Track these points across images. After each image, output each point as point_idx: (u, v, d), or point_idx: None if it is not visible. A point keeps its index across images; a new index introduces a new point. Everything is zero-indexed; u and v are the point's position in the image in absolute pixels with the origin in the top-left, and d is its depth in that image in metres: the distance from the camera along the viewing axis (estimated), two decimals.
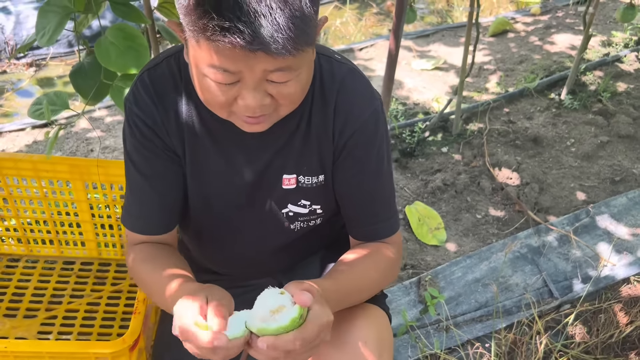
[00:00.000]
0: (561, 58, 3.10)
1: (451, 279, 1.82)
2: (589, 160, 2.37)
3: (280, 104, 0.83)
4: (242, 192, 1.02)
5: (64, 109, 1.33)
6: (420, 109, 2.63)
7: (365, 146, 0.96)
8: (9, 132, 2.42)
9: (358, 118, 0.94)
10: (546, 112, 2.63)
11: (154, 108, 0.93)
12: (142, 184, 0.99)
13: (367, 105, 0.95)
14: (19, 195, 1.53)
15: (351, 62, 0.99)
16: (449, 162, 2.29)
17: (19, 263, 1.65)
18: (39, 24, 1.35)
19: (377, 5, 4.00)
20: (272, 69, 0.76)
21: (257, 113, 0.81)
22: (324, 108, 0.94)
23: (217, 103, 0.82)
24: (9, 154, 1.44)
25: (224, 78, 0.77)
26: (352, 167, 0.97)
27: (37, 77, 3.06)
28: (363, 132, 0.95)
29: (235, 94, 0.79)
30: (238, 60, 0.73)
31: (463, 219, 2.06)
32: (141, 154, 0.97)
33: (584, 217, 2.06)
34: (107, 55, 1.28)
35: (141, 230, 1.02)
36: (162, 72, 0.94)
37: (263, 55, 0.72)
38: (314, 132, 0.96)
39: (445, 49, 3.23)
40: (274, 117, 0.86)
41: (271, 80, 0.78)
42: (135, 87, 0.95)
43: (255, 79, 0.77)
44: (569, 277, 1.86)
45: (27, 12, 3.20)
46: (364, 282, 0.97)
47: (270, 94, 0.80)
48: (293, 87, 0.81)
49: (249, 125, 0.85)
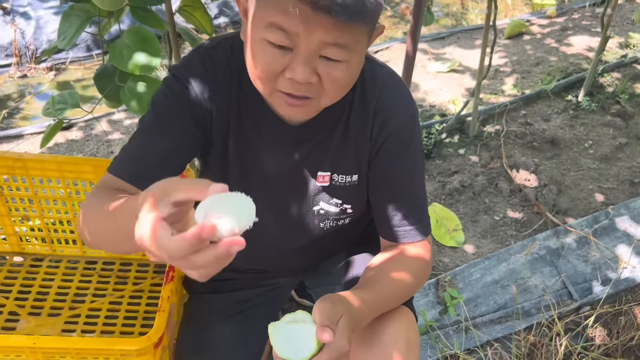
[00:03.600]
0: (578, 60, 3.08)
1: (470, 280, 1.82)
2: (607, 162, 2.35)
3: (324, 89, 0.82)
4: (277, 186, 1.02)
5: (73, 108, 1.36)
6: (437, 111, 2.63)
7: (401, 148, 0.97)
8: (30, 134, 2.46)
9: (397, 120, 0.96)
10: (563, 113, 2.62)
11: (205, 80, 0.93)
12: (152, 132, 0.93)
13: (405, 108, 0.97)
14: (44, 195, 1.55)
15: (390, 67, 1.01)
16: (466, 164, 2.29)
17: (42, 262, 1.68)
18: (62, 27, 1.37)
19: (391, 9, 4.01)
20: (329, 40, 0.76)
21: (301, 90, 0.80)
22: (363, 108, 0.96)
23: (265, 72, 0.80)
24: (35, 155, 1.47)
25: (280, 38, 0.76)
26: (388, 167, 0.98)
27: (56, 81, 3.11)
28: (401, 133, 0.96)
29: (285, 64, 0.79)
30: (300, 21, 0.74)
31: (481, 220, 2.05)
32: (169, 107, 0.93)
33: (603, 219, 2.05)
34: (120, 57, 1.30)
35: (124, 174, 0.90)
36: (218, 54, 0.94)
37: (324, 20, 0.73)
38: (352, 131, 0.97)
39: (461, 51, 3.23)
40: (314, 105, 0.85)
41: (324, 56, 0.78)
42: (189, 57, 0.95)
43: (309, 49, 0.77)
44: (589, 279, 1.85)
45: (47, 17, 3.26)
46: (399, 289, 0.97)
47: (319, 75, 0.80)
48: (342, 72, 0.80)
49: (289, 107, 0.83)
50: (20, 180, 1.50)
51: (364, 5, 0.73)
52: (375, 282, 0.96)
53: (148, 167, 0.91)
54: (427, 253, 1.02)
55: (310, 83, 0.80)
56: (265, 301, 1.28)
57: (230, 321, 1.20)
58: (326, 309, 0.81)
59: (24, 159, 1.44)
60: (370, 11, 0.76)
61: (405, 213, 1.00)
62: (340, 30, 0.75)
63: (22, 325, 1.50)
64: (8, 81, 3.10)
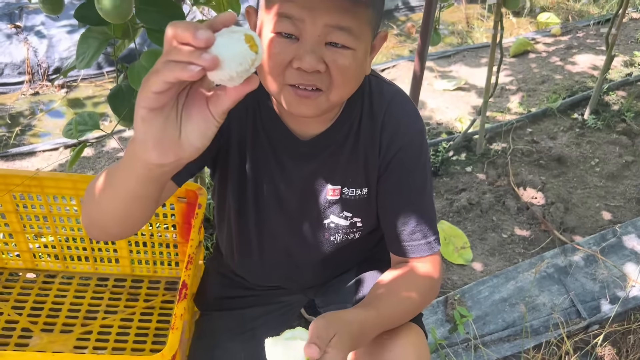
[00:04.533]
0: (583, 78, 3.11)
1: (478, 298, 1.82)
2: (614, 180, 2.36)
3: (332, 79, 0.84)
4: (289, 199, 1.04)
5: (94, 129, 1.39)
6: (444, 129, 2.66)
7: (410, 162, 0.99)
8: (42, 151, 2.49)
9: (405, 134, 0.98)
10: (570, 132, 2.63)
11: None
12: None
13: (413, 123, 0.99)
14: (58, 212, 1.58)
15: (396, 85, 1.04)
16: (473, 182, 2.31)
17: (55, 279, 1.70)
18: (80, 49, 1.41)
19: (397, 27, 4.06)
20: (333, 23, 0.80)
21: (309, 80, 0.83)
22: (372, 122, 0.98)
23: (273, 63, 0.83)
24: (51, 173, 1.50)
25: (287, 26, 0.80)
26: (396, 182, 0.99)
27: (67, 98, 3.15)
28: (409, 148, 0.98)
29: (292, 54, 0.82)
30: (303, 6, 0.78)
31: (489, 238, 2.06)
32: None
33: (611, 237, 2.05)
34: (138, 78, 1.33)
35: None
36: None
37: (328, 3, 0.77)
38: (361, 145, 0.99)
39: (467, 69, 3.26)
40: (324, 100, 0.86)
41: (330, 41, 0.81)
42: None
43: (314, 35, 0.80)
44: (597, 298, 1.85)
45: (59, 36, 3.32)
46: (405, 306, 0.98)
47: (326, 65, 0.82)
48: (349, 60, 0.83)
49: (299, 100, 0.85)
50: (36, 197, 1.53)
51: None
52: (381, 299, 0.97)
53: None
54: (436, 269, 1.02)
55: (318, 72, 0.82)
56: (275, 319, 1.29)
57: (240, 338, 1.21)
58: (320, 326, 0.83)
59: (39, 177, 1.47)
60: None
61: (414, 228, 1.01)
62: (344, 12, 0.79)
63: (34, 342, 1.52)
64: (20, 98, 3.15)
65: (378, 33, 0.92)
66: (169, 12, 1.38)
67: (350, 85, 0.88)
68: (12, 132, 2.74)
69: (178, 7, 1.40)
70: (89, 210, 0.86)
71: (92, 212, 0.85)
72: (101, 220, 0.86)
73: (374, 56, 0.94)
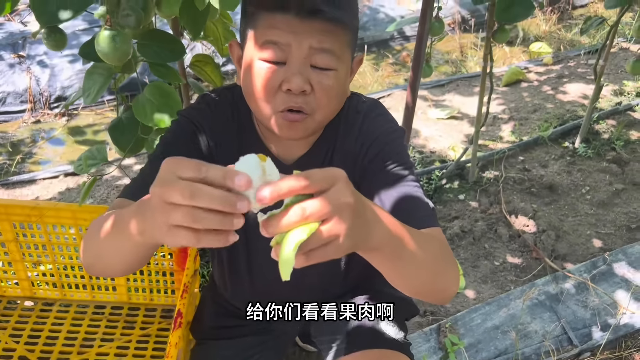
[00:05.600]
0: (574, 107, 3.17)
1: (470, 325, 1.85)
2: (604, 207, 2.40)
3: (317, 100, 0.90)
4: None
5: (102, 162, 1.43)
6: (437, 157, 2.71)
7: (392, 157, 1.00)
8: (42, 179, 2.53)
9: (384, 138, 1.01)
10: (561, 160, 2.68)
11: (210, 119, 1.03)
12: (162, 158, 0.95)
13: (390, 127, 1.04)
14: (57, 241, 1.61)
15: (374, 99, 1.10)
16: (466, 210, 2.34)
17: (53, 307, 1.72)
18: (86, 84, 1.46)
19: (393, 56, 4.15)
20: (318, 45, 0.87)
21: (297, 102, 0.89)
22: (348, 137, 1.04)
23: (264, 89, 0.90)
24: (51, 203, 1.54)
25: (274, 53, 0.87)
26: (383, 176, 0.99)
27: (68, 126, 3.21)
28: (389, 147, 1.01)
29: (281, 78, 0.88)
30: (288, 32, 0.85)
31: (481, 265, 2.09)
32: (178, 140, 1.01)
33: (601, 265, 2.08)
34: (143, 111, 1.38)
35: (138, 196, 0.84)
36: (221, 99, 1.06)
37: (310, 26, 0.85)
38: (339, 161, 1.04)
39: (460, 98, 3.33)
40: (310, 122, 0.93)
41: (315, 65, 0.88)
42: (196, 102, 1.07)
43: (300, 58, 0.87)
44: (588, 325, 1.87)
45: (61, 65, 3.39)
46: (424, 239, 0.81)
47: (312, 86, 0.89)
48: (332, 80, 0.90)
49: (289, 125, 0.91)
50: (35, 227, 1.56)
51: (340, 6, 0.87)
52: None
53: None
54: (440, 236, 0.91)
55: (304, 92, 0.89)
56: (270, 348, 1.31)
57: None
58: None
59: (40, 207, 1.51)
60: (351, 11, 0.90)
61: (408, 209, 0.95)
62: (326, 34, 0.87)
63: None
64: (22, 126, 3.20)
65: (355, 57, 1.00)
66: (169, 47, 1.44)
67: (334, 104, 0.95)
68: (13, 160, 2.79)
69: (178, 41, 1.46)
70: (90, 257, 0.87)
71: (94, 260, 0.87)
72: (103, 267, 0.88)
73: (352, 79, 1.01)
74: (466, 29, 4.43)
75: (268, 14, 0.88)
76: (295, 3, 0.85)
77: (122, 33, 1.15)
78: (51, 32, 1.48)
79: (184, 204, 0.57)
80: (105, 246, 0.81)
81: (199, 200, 0.56)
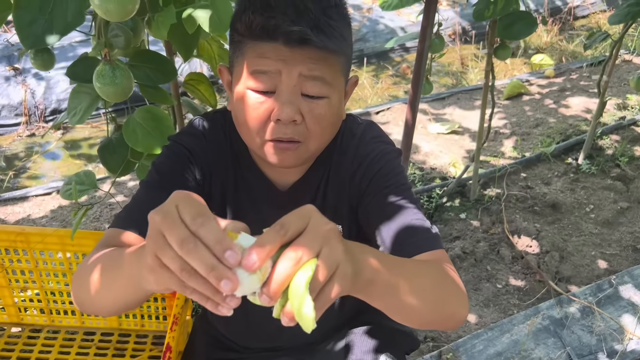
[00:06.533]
0: (577, 121, 3.13)
1: (472, 352, 1.79)
2: (609, 227, 2.35)
3: (309, 129, 0.87)
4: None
5: (92, 189, 1.38)
6: (437, 174, 2.66)
7: (389, 179, 0.96)
8: (35, 196, 2.48)
9: (380, 160, 0.97)
10: (564, 177, 2.63)
11: (203, 144, 0.99)
12: (158, 188, 0.93)
13: (386, 149, 0.99)
14: (44, 267, 1.56)
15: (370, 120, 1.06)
16: (467, 229, 2.29)
17: (40, 333, 1.67)
18: (71, 104, 1.41)
19: (392, 68, 4.11)
20: (308, 73, 0.83)
21: (287, 134, 0.85)
22: (343, 160, 0.99)
23: (254, 120, 0.86)
24: (38, 229, 1.49)
25: (263, 82, 0.84)
26: (380, 200, 0.95)
27: (63, 140, 3.16)
28: (385, 169, 0.96)
29: (270, 108, 0.85)
30: (278, 59, 0.82)
31: (483, 288, 2.04)
32: (172, 167, 0.96)
33: (607, 288, 2.03)
34: (134, 136, 1.33)
35: (132, 225, 0.87)
36: (214, 123, 1.02)
37: (299, 54, 0.81)
38: (334, 184, 1.00)
39: (461, 112, 3.29)
40: (303, 150, 0.89)
41: (305, 93, 0.84)
42: (188, 126, 1.03)
43: (290, 86, 0.83)
44: (594, 351, 1.82)
45: (57, 78, 3.35)
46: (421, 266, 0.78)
47: (303, 116, 0.85)
48: (324, 109, 0.86)
49: (281, 152, 0.88)
50: (22, 252, 1.51)
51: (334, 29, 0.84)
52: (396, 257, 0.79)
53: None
54: (448, 263, 0.87)
55: (295, 122, 0.85)
56: None
57: None
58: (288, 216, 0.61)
59: (26, 232, 1.46)
60: (341, 37, 0.86)
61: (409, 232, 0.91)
62: (316, 61, 0.83)
63: None
64: (16, 140, 3.16)
65: (350, 79, 0.95)
66: (161, 68, 1.39)
67: (327, 132, 0.91)
68: (6, 175, 2.74)
69: (169, 62, 1.41)
70: (81, 296, 0.83)
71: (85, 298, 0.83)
72: (95, 307, 0.84)
73: (346, 101, 0.97)
74: (467, 40, 4.39)
75: (256, 42, 0.84)
76: (283, 33, 0.81)
77: (123, 68, 1.10)
78: (38, 52, 1.43)
79: (175, 249, 0.56)
80: (98, 287, 0.77)
81: (188, 255, 0.55)
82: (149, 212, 0.91)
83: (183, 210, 0.58)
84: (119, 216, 0.93)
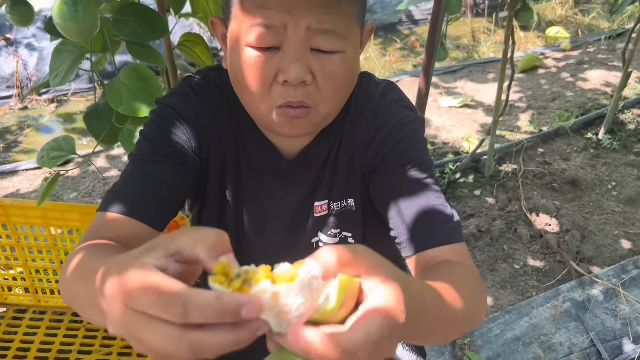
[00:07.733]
0: (596, 95, 2.97)
1: (489, 336, 1.67)
2: (632, 204, 2.21)
3: (320, 90, 0.74)
4: (274, 223, 0.93)
5: (70, 155, 1.25)
6: (450, 149, 2.52)
7: (410, 154, 0.84)
8: (25, 170, 2.36)
9: (400, 130, 0.84)
10: (584, 152, 2.49)
11: (197, 106, 0.85)
12: (149, 161, 0.82)
13: (408, 116, 0.86)
14: (27, 243, 1.44)
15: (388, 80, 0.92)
16: (482, 206, 2.16)
17: (25, 314, 1.55)
18: (53, 64, 1.29)
19: (400, 41, 3.94)
20: (317, 26, 0.69)
21: (297, 96, 0.73)
22: (358, 125, 0.86)
23: (258, 82, 0.73)
24: (18, 201, 1.36)
25: (266, 37, 0.70)
26: (398, 178, 0.84)
27: (57, 113, 3.03)
28: (406, 142, 0.84)
29: (276, 66, 0.71)
30: (281, 10, 0.69)
31: (500, 269, 1.91)
32: (163, 135, 0.83)
33: (632, 269, 1.90)
34: (118, 97, 1.20)
35: (125, 209, 0.77)
36: (208, 83, 0.88)
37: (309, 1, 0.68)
38: (346, 152, 0.87)
39: (473, 85, 3.13)
40: (313, 116, 0.76)
41: (316, 47, 0.71)
42: (178, 86, 0.88)
43: (297, 41, 0.70)
44: (619, 336, 1.70)
45: (50, 48, 3.19)
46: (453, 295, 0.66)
47: (313, 73, 0.72)
48: (337, 65, 0.73)
49: (290, 121, 0.75)
50: (1, 227, 1.39)
51: None
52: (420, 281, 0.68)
53: (152, 198, 0.79)
54: (469, 264, 0.78)
55: (304, 82, 0.72)
56: None
57: None
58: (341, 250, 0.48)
59: (4, 205, 1.33)
60: None
61: (426, 218, 0.81)
62: (327, 10, 0.69)
63: None
64: (8, 113, 3.03)
65: (365, 26, 0.81)
66: (150, 23, 1.25)
67: (341, 93, 0.78)
68: None
69: (160, 17, 1.27)
70: (67, 296, 0.69)
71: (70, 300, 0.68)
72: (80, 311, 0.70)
73: (362, 51, 0.83)
74: (478, 13, 4.21)
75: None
76: None
77: (86, 1, 0.96)
78: (14, 4, 1.30)
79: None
80: (76, 294, 0.64)
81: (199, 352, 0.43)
82: (144, 190, 0.79)
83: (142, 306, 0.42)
84: (107, 198, 0.80)
